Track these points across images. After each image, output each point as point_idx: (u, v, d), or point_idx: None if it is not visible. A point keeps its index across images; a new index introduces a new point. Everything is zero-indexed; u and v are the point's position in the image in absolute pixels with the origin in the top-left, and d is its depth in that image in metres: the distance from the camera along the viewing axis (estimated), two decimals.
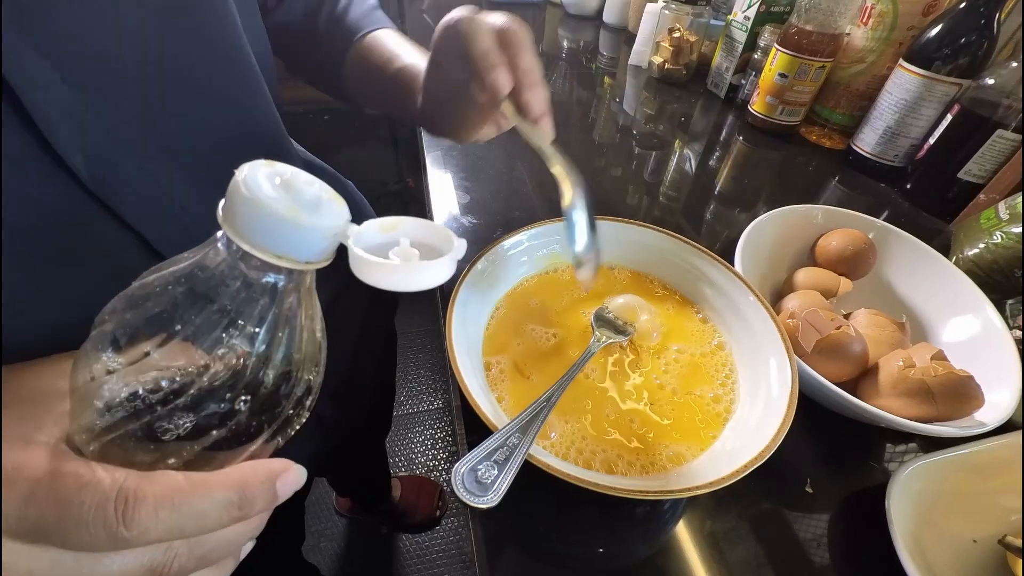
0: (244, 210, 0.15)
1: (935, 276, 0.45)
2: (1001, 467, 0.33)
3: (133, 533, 0.15)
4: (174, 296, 0.16)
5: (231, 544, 0.18)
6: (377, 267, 0.18)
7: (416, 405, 1.34)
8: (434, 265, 0.20)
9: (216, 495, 0.16)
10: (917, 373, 0.34)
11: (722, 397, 0.35)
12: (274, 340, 0.17)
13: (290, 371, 0.18)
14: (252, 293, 0.17)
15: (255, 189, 0.15)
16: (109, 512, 0.14)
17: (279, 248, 0.16)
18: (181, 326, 0.16)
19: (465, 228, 0.53)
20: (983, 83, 0.56)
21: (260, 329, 0.17)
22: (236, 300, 0.17)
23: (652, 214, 0.63)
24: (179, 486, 0.16)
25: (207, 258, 0.17)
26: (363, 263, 0.18)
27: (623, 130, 0.82)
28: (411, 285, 0.19)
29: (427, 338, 1.51)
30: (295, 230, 0.16)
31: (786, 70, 0.70)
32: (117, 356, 0.16)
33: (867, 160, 0.69)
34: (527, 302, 0.41)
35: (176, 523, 0.15)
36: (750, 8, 0.77)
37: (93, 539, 0.15)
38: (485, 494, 0.24)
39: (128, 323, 0.16)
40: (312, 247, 0.17)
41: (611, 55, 1.08)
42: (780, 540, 0.32)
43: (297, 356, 0.18)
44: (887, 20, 0.65)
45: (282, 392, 0.18)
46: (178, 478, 0.16)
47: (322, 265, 0.18)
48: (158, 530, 0.15)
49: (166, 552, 0.16)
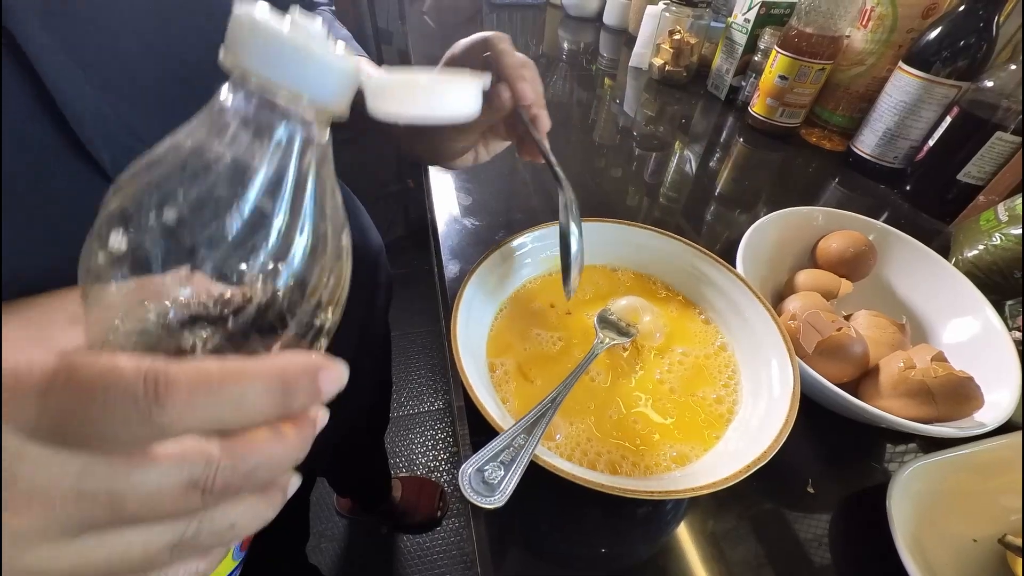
0: (254, 41, 0.14)
1: (935, 277, 0.45)
2: (1001, 467, 0.34)
3: (167, 417, 0.13)
4: (181, 165, 0.15)
5: (277, 465, 0.16)
6: (402, 89, 0.17)
7: (417, 406, 1.34)
8: (459, 85, 0.18)
9: (255, 381, 0.14)
10: (917, 374, 0.34)
11: (724, 398, 0.35)
12: (294, 212, 0.15)
13: (312, 265, 0.16)
14: (265, 145, 0.15)
15: (266, 18, 0.14)
16: (139, 393, 0.13)
17: (294, 83, 0.14)
18: (189, 196, 0.14)
19: (468, 230, 0.53)
20: (982, 85, 0.57)
21: (279, 199, 0.15)
22: (246, 158, 0.15)
23: (652, 215, 0.63)
24: (213, 370, 0.14)
25: (212, 117, 0.15)
26: (384, 89, 0.17)
27: (623, 131, 0.82)
28: (437, 110, 0.18)
29: (428, 339, 1.51)
30: (310, 61, 0.14)
31: (786, 72, 0.71)
32: (124, 238, 0.14)
33: (867, 162, 0.69)
34: (531, 304, 0.41)
35: (213, 409, 0.14)
36: (750, 10, 0.77)
37: (124, 427, 0.13)
38: (492, 494, 0.24)
39: (135, 198, 0.15)
40: (328, 85, 0.15)
41: (611, 57, 1.08)
42: (781, 540, 0.32)
43: (319, 244, 0.16)
44: (887, 22, 0.65)
45: (308, 279, 0.16)
46: (211, 363, 0.14)
47: (337, 114, 0.16)
48: (194, 416, 0.13)
49: (207, 465, 0.14)
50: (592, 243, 0.41)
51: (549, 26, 1.26)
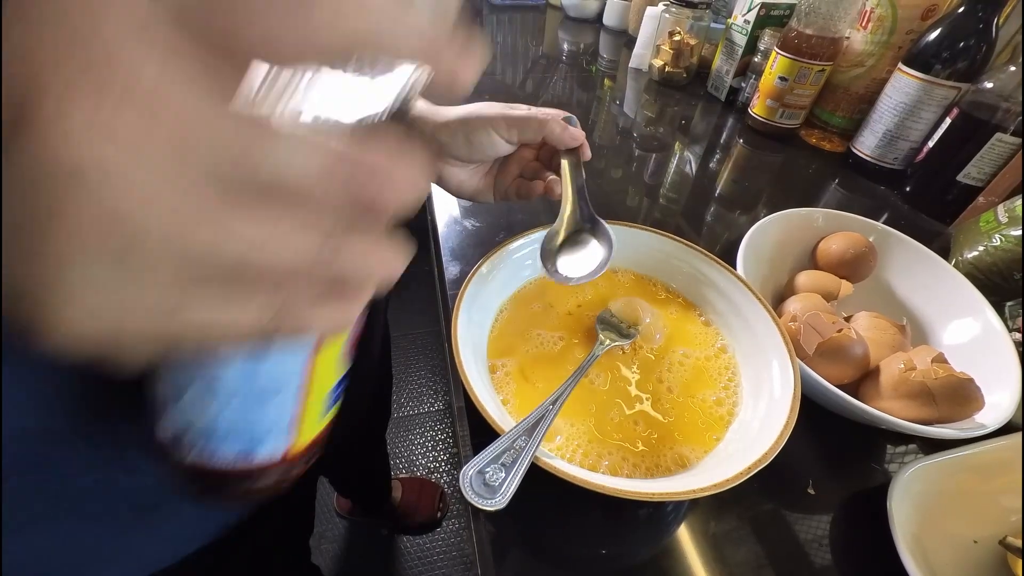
0: None
1: (935, 279, 0.45)
2: (1001, 468, 0.34)
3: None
4: None
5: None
6: None
7: (416, 407, 1.34)
8: None
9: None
10: (918, 375, 0.34)
11: (724, 400, 0.35)
12: None
13: None
14: None
15: None
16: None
17: None
18: None
19: (468, 231, 0.53)
20: (982, 87, 0.57)
21: None
22: None
23: (652, 216, 0.63)
24: None
25: None
26: None
27: (623, 132, 0.82)
28: None
29: (428, 339, 1.51)
30: None
31: (786, 73, 0.71)
32: None
33: (867, 163, 0.70)
34: (531, 304, 0.41)
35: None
36: (750, 12, 0.78)
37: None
38: (493, 496, 0.24)
39: None
40: None
41: (611, 58, 1.08)
42: (782, 541, 0.33)
43: None
44: (886, 24, 0.65)
45: None
46: None
47: None
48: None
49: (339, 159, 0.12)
50: None
51: (549, 27, 1.26)
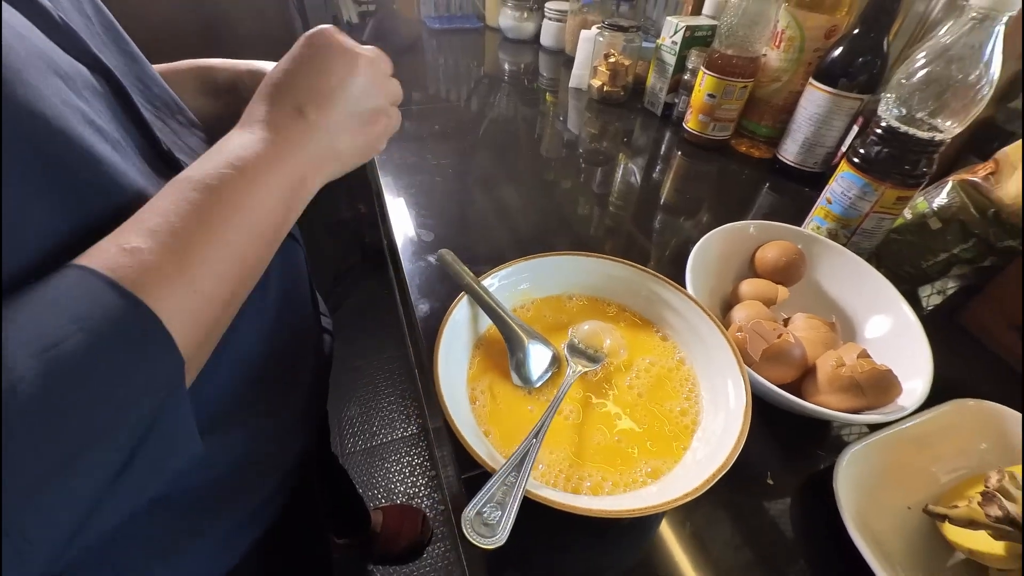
0: None
1: (856, 276, 0.50)
2: (924, 441, 0.39)
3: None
4: None
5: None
6: None
7: (390, 433, 1.33)
8: None
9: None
10: (847, 371, 0.39)
11: (688, 410, 0.39)
12: None
13: None
14: None
15: None
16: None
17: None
18: None
19: (433, 267, 0.54)
20: (879, 96, 0.64)
21: None
22: None
23: (604, 223, 0.68)
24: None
25: None
26: None
27: (568, 145, 0.86)
28: None
29: (393, 364, 1.50)
30: None
31: (713, 91, 0.77)
32: None
33: (791, 168, 0.76)
34: (502, 343, 0.43)
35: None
36: (676, 33, 0.83)
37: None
38: (493, 534, 0.26)
39: None
40: None
41: (551, 76, 1.13)
42: (750, 527, 0.37)
43: None
44: (796, 43, 0.72)
45: None
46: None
47: None
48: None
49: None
50: (544, 276, 0.46)
51: (489, 48, 1.29)
